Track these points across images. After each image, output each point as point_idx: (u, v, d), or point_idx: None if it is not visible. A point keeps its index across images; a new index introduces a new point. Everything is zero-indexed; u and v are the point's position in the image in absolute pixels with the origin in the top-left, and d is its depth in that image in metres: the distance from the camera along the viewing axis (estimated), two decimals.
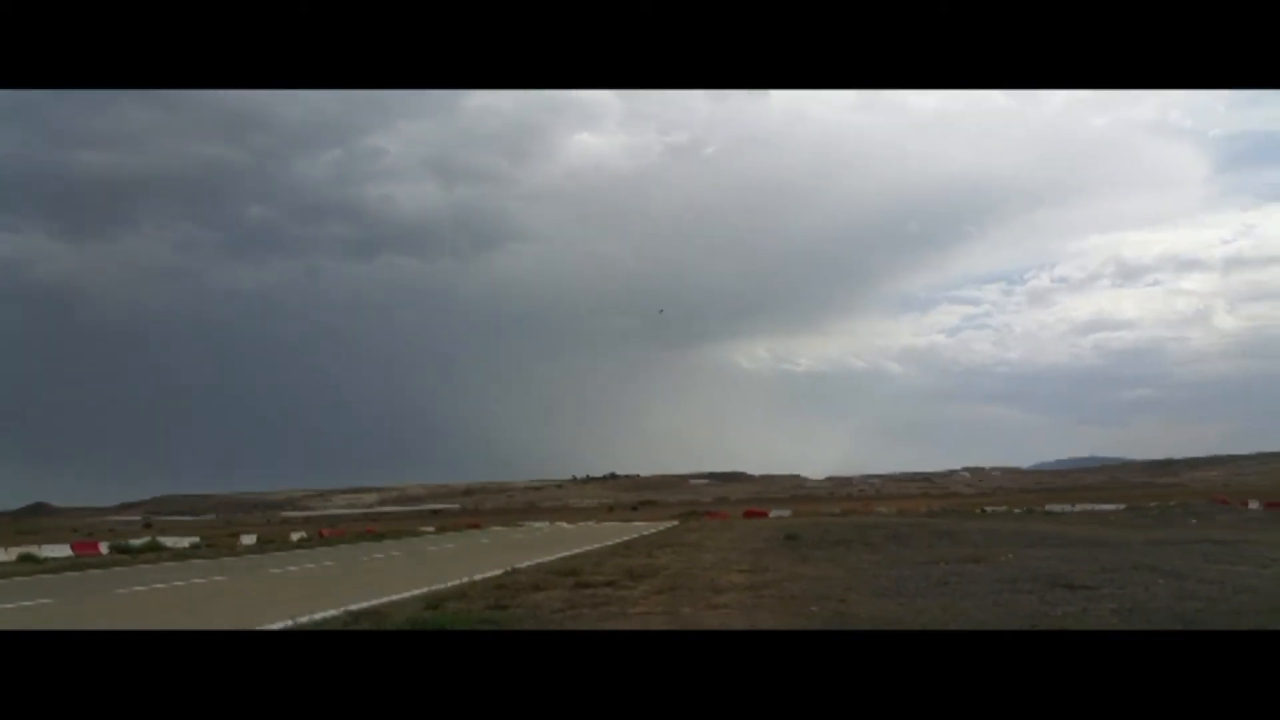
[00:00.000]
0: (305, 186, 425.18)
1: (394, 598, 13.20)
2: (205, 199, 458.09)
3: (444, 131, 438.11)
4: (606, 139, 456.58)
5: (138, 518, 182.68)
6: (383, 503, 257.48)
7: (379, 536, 46.17)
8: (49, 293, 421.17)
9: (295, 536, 47.92)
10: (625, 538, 33.09)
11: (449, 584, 14.78)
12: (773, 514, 66.85)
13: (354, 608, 11.72)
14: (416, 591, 13.79)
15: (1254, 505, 48.99)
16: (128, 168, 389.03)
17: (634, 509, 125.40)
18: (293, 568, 22.34)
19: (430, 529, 56.60)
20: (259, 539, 45.96)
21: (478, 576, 15.93)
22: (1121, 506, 57.27)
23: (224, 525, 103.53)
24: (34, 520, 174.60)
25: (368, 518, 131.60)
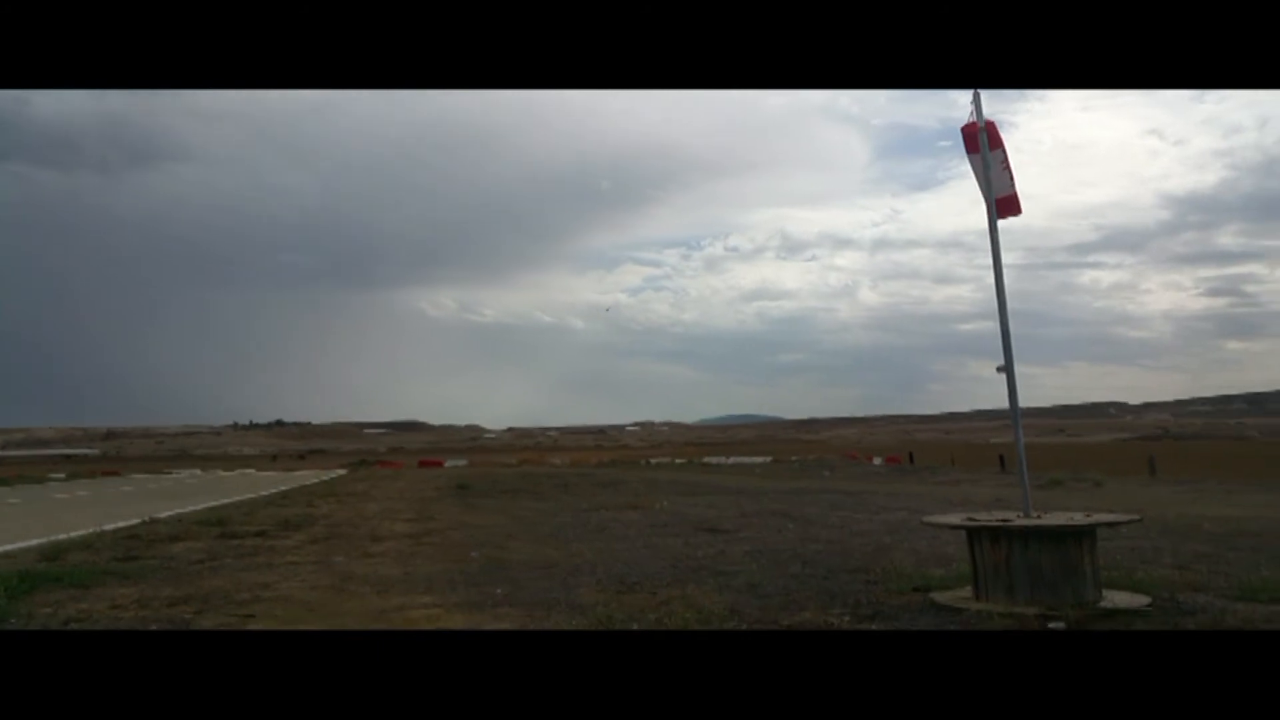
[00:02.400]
0: None
1: (4, 548, 11.71)
2: None
3: None
4: None
5: None
6: (5, 446, 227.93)
7: None
8: None
9: None
10: (285, 487, 31.47)
11: (74, 534, 13.29)
12: (448, 464, 66.54)
13: None
14: (33, 541, 12.27)
15: (877, 460, 55.53)
16: None
17: (301, 458, 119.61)
18: None
19: (60, 475, 50.48)
20: None
21: (108, 526, 14.46)
22: (768, 459, 62.96)
23: None
24: None
25: None
